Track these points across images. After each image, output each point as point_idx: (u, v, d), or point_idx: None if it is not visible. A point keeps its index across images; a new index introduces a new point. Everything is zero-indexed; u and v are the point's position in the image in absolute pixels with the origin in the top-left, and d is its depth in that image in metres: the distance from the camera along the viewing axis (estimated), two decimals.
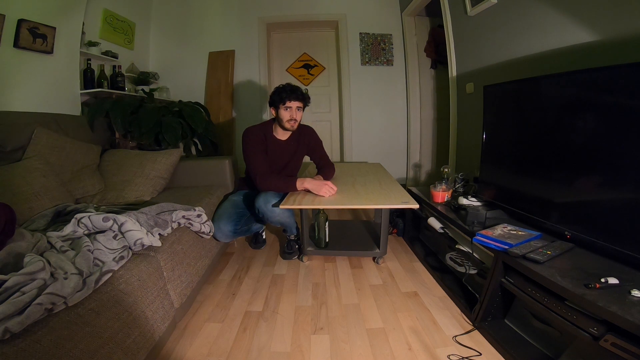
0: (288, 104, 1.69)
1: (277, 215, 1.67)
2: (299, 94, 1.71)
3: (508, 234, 1.23)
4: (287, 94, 1.69)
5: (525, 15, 1.64)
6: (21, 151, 1.47)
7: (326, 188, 1.53)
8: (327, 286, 1.61)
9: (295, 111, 1.72)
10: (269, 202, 1.63)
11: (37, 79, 1.89)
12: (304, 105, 1.76)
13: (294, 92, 1.70)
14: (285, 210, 1.66)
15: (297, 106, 1.72)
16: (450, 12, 2.36)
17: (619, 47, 1.17)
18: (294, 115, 1.72)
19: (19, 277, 0.75)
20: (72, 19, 2.08)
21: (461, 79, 2.36)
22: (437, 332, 1.26)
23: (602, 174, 1.04)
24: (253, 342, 1.21)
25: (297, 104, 1.71)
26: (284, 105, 1.70)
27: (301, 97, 1.73)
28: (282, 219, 1.72)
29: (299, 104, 1.72)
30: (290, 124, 1.73)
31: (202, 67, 3.29)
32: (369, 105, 3.44)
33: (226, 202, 1.80)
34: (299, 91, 1.72)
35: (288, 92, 1.69)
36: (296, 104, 1.71)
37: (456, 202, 1.65)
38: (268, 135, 1.81)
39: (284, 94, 1.69)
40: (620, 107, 0.97)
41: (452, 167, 2.49)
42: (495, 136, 1.58)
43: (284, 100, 1.69)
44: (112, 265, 0.96)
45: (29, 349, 0.66)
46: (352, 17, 3.31)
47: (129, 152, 1.95)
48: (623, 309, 0.76)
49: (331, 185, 1.55)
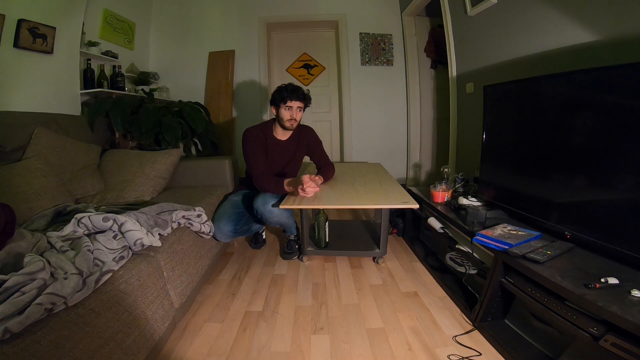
0: (289, 104, 1.70)
1: (276, 216, 1.67)
2: (300, 94, 1.72)
3: (508, 234, 1.23)
4: (289, 94, 1.69)
5: (525, 15, 1.64)
6: (21, 151, 1.47)
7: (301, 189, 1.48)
8: (327, 286, 1.61)
9: (295, 111, 1.72)
10: (267, 202, 1.63)
11: (37, 79, 1.89)
12: (304, 106, 1.77)
13: (295, 92, 1.70)
14: (283, 211, 1.66)
15: (298, 106, 1.73)
16: (450, 12, 2.36)
17: (619, 47, 1.17)
18: (294, 115, 1.73)
19: (19, 277, 0.75)
20: (72, 19, 2.08)
21: (461, 79, 2.36)
22: (437, 332, 1.26)
23: (602, 174, 1.04)
24: (253, 342, 1.21)
25: (298, 104, 1.72)
26: (285, 104, 1.70)
27: (302, 98, 1.73)
28: (280, 219, 1.72)
29: (299, 104, 1.73)
30: (290, 123, 1.74)
31: (202, 67, 3.29)
32: (369, 105, 3.44)
33: (226, 202, 1.81)
34: (301, 91, 1.73)
35: (290, 91, 1.69)
36: (297, 104, 1.72)
37: (456, 202, 1.65)
38: (268, 135, 1.81)
39: (285, 93, 1.69)
40: (620, 107, 0.97)
41: (452, 167, 2.49)
42: (495, 136, 1.58)
43: (285, 99, 1.69)
44: (112, 265, 0.96)
45: (29, 349, 0.66)
46: (352, 17, 3.31)
47: (129, 152, 1.95)
48: (623, 309, 0.76)
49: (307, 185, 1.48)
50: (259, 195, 1.68)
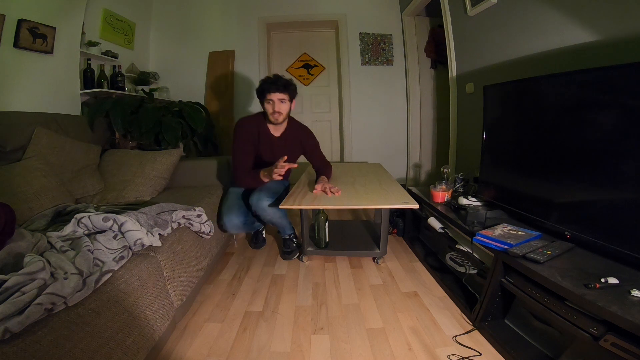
0: (269, 97, 1.60)
1: (269, 215, 1.67)
2: (280, 85, 1.60)
3: (508, 234, 1.23)
4: (268, 86, 1.59)
5: (525, 15, 1.64)
6: (21, 151, 1.47)
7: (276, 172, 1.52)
8: (327, 286, 1.61)
9: (277, 104, 1.62)
10: (262, 199, 1.63)
11: (37, 79, 1.89)
12: (289, 97, 1.65)
13: (275, 83, 1.59)
14: (277, 211, 1.64)
15: (280, 98, 1.61)
16: (450, 12, 2.36)
17: (619, 47, 1.17)
18: (276, 108, 1.62)
19: (19, 277, 0.75)
20: (72, 19, 2.08)
21: (461, 79, 2.36)
22: (437, 332, 1.26)
23: (602, 174, 1.03)
24: (253, 342, 1.21)
25: (279, 96, 1.60)
26: (265, 98, 1.61)
27: (282, 88, 1.60)
28: (273, 218, 1.71)
29: (281, 96, 1.61)
30: (274, 117, 1.64)
31: (202, 67, 3.29)
32: (369, 105, 3.44)
33: (232, 195, 1.78)
34: (280, 82, 1.60)
35: (269, 84, 1.59)
36: (278, 96, 1.60)
37: (456, 202, 1.65)
38: (261, 129, 1.74)
39: (265, 85, 1.59)
40: (620, 107, 0.97)
41: (452, 167, 2.49)
42: (495, 136, 1.58)
43: (265, 93, 1.60)
44: (112, 265, 0.96)
45: (29, 349, 0.66)
46: (352, 17, 3.31)
47: (129, 152, 1.95)
48: (623, 309, 0.76)
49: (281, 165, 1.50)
50: (255, 192, 1.68)
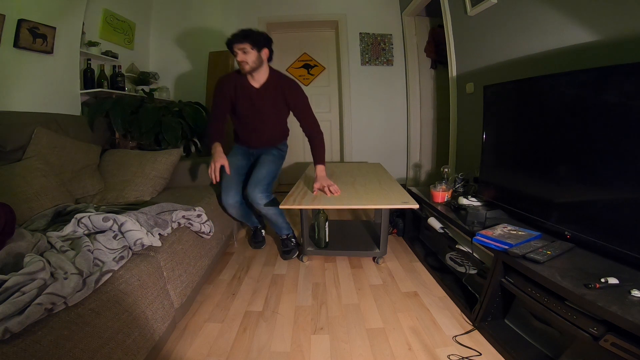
0: (233, 49, 1.64)
1: (263, 208, 1.73)
2: (239, 36, 1.62)
3: (508, 234, 1.23)
4: (230, 40, 1.62)
5: (525, 15, 1.64)
6: (21, 151, 1.47)
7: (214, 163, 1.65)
8: (327, 286, 1.61)
9: (240, 54, 1.63)
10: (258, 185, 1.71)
11: (37, 79, 1.89)
12: (252, 45, 1.64)
13: (235, 34, 1.62)
14: (270, 207, 1.70)
15: (240, 48, 1.62)
16: (450, 12, 2.36)
17: (619, 47, 1.17)
18: (239, 57, 1.64)
19: (19, 277, 0.75)
20: (72, 19, 2.08)
21: (461, 79, 2.36)
22: (437, 332, 1.26)
23: (602, 174, 1.03)
24: (253, 342, 1.21)
25: (240, 46, 1.62)
26: (232, 52, 1.65)
27: (241, 38, 1.61)
28: (267, 213, 1.76)
29: (242, 46, 1.61)
30: (241, 67, 1.67)
31: (202, 67, 3.29)
32: (369, 105, 3.44)
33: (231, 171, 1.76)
34: (241, 32, 1.63)
35: (231, 36, 1.62)
36: (239, 46, 1.62)
37: (456, 202, 1.65)
38: (240, 83, 1.76)
39: (228, 39, 1.63)
40: (620, 107, 0.97)
41: (452, 167, 2.49)
42: (495, 136, 1.58)
43: (229, 46, 1.64)
44: (112, 265, 0.96)
45: (29, 349, 0.66)
46: (352, 17, 3.31)
47: (129, 152, 1.95)
48: (623, 309, 0.76)
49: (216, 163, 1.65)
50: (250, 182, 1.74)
